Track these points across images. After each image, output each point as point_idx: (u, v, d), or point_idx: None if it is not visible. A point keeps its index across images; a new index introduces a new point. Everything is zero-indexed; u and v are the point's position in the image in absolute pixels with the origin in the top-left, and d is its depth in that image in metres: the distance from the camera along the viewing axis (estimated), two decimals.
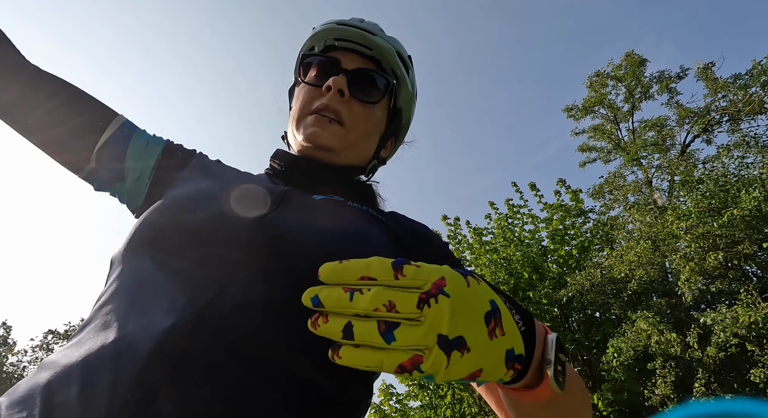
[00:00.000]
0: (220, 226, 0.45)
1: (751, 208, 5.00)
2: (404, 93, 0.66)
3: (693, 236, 5.28)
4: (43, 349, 25.22)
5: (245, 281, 0.41)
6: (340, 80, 0.58)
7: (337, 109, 0.59)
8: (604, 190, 10.12)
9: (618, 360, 5.50)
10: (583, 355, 6.78)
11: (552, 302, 6.49)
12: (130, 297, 0.41)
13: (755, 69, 8.55)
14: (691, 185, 6.34)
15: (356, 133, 0.60)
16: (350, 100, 0.60)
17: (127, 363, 0.35)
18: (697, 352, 5.03)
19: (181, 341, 0.36)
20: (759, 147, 8.58)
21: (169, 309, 0.38)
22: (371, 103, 0.61)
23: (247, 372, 0.36)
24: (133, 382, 0.34)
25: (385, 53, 0.62)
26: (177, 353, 0.35)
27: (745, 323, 4.53)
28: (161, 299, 0.40)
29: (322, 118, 0.58)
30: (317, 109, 0.59)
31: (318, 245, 0.44)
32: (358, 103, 0.60)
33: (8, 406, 0.35)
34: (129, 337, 0.37)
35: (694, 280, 5.35)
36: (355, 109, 0.60)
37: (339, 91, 0.58)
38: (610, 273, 6.35)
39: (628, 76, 10.30)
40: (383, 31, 0.65)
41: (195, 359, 0.36)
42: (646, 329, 5.37)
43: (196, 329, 0.37)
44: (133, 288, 0.42)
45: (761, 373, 4.58)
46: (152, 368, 0.34)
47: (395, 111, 0.67)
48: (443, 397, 7.02)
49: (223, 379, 0.35)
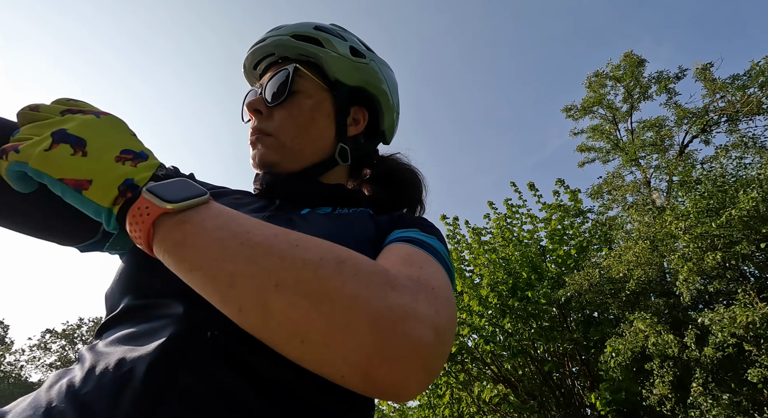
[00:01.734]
0: None
1: (749, 208, 5.01)
2: (334, 62, 0.60)
3: (691, 236, 5.29)
4: (40, 348, 25.09)
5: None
6: (253, 101, 0.59)
7: (259, 127, 0.59)
8: (602, 191, 10.13)
9: (615, 360, 5.51)
10: (581, 355, 6.79)
11: (550, 301, 6.50)
12: (123, 331, 0.41)
13: (753, 70, 8.56)
14: (690, 186, 6.35)
15: (287, 134, 0.58)
16: (270, 112, 0.59)
17: (126, 397, 0.34)
18: (694, 352, 5.04)
19: (177, 367, 0.35)
20: (757, 148, 8.60)
21: (166, 334, 0.37)
22: (284, 100, 0.59)
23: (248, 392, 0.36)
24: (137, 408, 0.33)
25: (283, 45, 0.61)
26: (170, 378, 0.34)
27: (743, 323, 4.54)
28: (156, 326, 0.39)
29: (252, 140, 0.60)
30: (249, 136, 0.61)
31: None
32: (277, 109, 0.59)
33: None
34: (125, 367, 0.36)
35: (692, 280, 5.36)
36: (277, 116, 0.59)
37: (256, 111, 0.59)
38: (608, 273, 6.36)
39: (627, 76, 10.31)
40: (298, 24, 0.63)
41: (193, 386, 0.35)
42: (644, 329, 5.38)
43: (189, 351, 0.36)
44: (125, 322, 0.42)
45: (758, 373, 4.59)
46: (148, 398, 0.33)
47: (333, 85, 0.61)
48: (441, 397, 7.02)
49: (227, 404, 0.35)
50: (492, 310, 6.67)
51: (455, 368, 6.96)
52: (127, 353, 0.36)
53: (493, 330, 6.75)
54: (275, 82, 0.59)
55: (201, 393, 0.34)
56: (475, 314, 6.68)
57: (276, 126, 0.58)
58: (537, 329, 6.57)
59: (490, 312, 6.72)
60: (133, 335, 0.39)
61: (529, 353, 6.72)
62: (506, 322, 6.53)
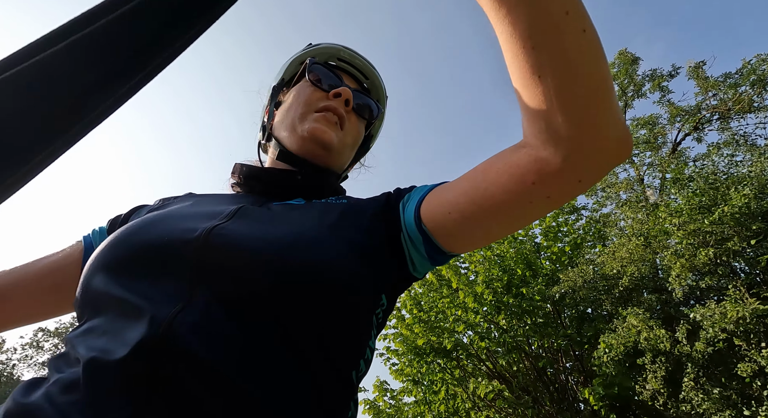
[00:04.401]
0: (166, 243, 0.43)
1: (740, 205, 5.07)
2: (379, 124, 0.75)
3: (684, 233, 5.36)
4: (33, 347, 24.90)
5: (201, 295, 0.39)
6: (349, 91, 0.64)
7: (343, 114, 0.63)
8: (596, 188, 10.21)
9: (609, 356, 5.57)
10: (575, 350, 6.86)
11: (545, 298, 6.55)
12: (90, 326, 0.41)
13: (745, 68, 8.65)
14: (682, 183, 6.42)
15: (348, 141, 0.65)
16: (350, 112, 0.65)
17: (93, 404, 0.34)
18: (686, 347, 5.11)
19: (147, 364, 0.34)
20: (748, 145, 8.70)
21: (133, 328, 0.37)
22: (365, 120, 0.69)
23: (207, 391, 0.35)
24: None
25: (377, 84, 0.73)
26: (144, 377, 0.34)
27: (733, 318, 4.61)
28: (121, 323, 0.38)
29: (329, 117, 0.62)
30: (326, 108, 0.62)
31: (257, 252, 0.42)
32: (355, 117, 0.67)
33: None
34: (92, 366, 0.35)
35: (684, 276, 5.43)
36: (352, 121, 0.66)
37: (345, 101, 0.64)
38: (602, 270, 6.42)
39: (621, 74, 10.36)
40: (376, 69, 0.74)
41: (164, 382, 0.34)
42: (636, 325, 5.45)
43: (160, 347, 0.35)
44: (92, 317, 0.42)
45: (748, 367, 4.67)
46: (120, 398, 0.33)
47: (368, 137, 0.75)
48: (437, 393, 7.06)
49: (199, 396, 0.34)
50: (487, 306, 6.71)
51: (451, 365, 7.00)
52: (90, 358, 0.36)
53: (488, 327, 6.80)
54: (366, 102, 0.69)
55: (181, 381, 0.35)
56: (471, 310, 6.72)
57: (348, 128, 0.65)
58: (531, 326, 6.62)
59: (485, 309, 6.76)
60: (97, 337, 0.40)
61: (524, 349, 6.78)
62: (501, 318, 6.58)
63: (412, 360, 7.18)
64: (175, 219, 0.48)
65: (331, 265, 0.43)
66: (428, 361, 7.00)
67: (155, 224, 0.47)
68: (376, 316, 0.49)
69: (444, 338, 6.62)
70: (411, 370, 7.23)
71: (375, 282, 0.48)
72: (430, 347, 6.90)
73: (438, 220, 0.49)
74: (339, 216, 0.52)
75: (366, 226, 0.52)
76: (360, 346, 0.46)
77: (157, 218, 0.49)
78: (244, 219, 0.48)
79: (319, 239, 0.46)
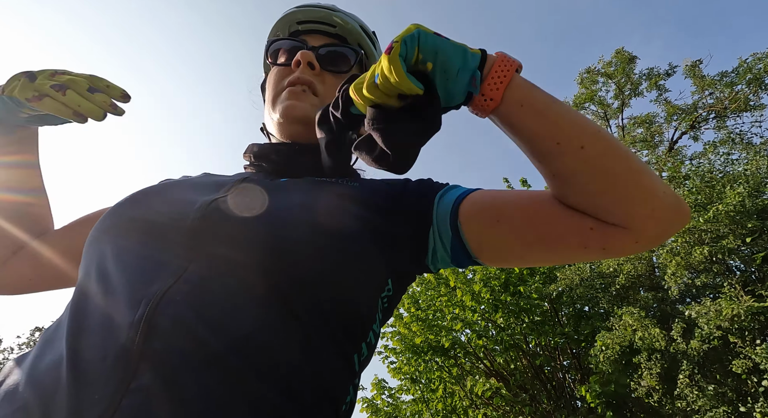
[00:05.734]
0: (167, 214, 0.43)
1: (735, 203, 5.10)
2: (369, 66, 0.65)
3: (680, 231, 5.38)
4: (29, 346, 24.78)
5: (201, 265, 0.39)
6: (308, 53, 0.59)
7: (309, 80, 0.58)
8: None
9: (605, 354, 5.60)
10: (572, 348, 6.89)
11: (542, 296, 6.57)
12: (85, 292, 0.40)
13: (741, 67, 8.68)
14: (679, 181, 6.44)
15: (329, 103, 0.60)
16: (322, 73, 0.60)
17: (82, 385, 0.33)
18: (681, 345, 5.14)
19: (138, 343, 0.34)
20: (744, 144, 8.74)
21: (126, 304, 0.37)
22: (343, 72, 0.61)
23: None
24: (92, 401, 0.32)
25: (349, 28, 0.63)
26: (136, 350, 0.33)
27: (728, 315, 4.64)
28: (115, 294, 0.38)
29: (295, 89, 0.58)
30: (290, 83, 0.58)
31: (255, 222, 0.42)
32: (330, 75, 0.60)
33: None
34: (83, 345, 0.35)
35: (680, 274, 5.46)
36: (328, 81, 0.60)
37: (309, 64, 0.59)
38: (598, 268, 6.45)
39: (618, 73, 10.38)
40: (343, 10, 0.65)
41: (154, 361, 0.33)
42: (631, 324, 5.47)
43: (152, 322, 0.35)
44: (87, 283, 0.41)
45: (743, 364, 4.70)
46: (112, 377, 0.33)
47: None
48: (435, 391, 7.08)
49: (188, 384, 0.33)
50: (484, 305, 6.73)
51: (448, 363, 7.02)
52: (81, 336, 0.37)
53: (486, 325, 6.82)
54: (338, 53, 0.61)
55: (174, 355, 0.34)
56: (468, 309, 6.74)
57: (326, 91, 0.59)
58: (529, 324, 6.64)
59: (483, 307, 6.78)
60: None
61: (521, 348, 6.80)
62: (498, 317, 6.59)
63: (410, 358, 7.20)
64: (183, 189, 0.48)
65: (333, 235, 0.43)
66: (426, 359, 7.01)
67: (160, 193, 0.48)
68: (381, 299, 0.48)
69: (442, 337, 6.63)
70: (409, 368, 7.24)
71: (381, 262, 0.47)
72: (428, 345, 6.91)
73: (482, 223, 0.49)
74: (349, 192, 0.51)
75: (379, 205, 0.50)
76: (363, 327, 0.45)
77: (163, 189, 0.49)
78: (246, 192, 0.47)
79: (324, 210, 0.45)
